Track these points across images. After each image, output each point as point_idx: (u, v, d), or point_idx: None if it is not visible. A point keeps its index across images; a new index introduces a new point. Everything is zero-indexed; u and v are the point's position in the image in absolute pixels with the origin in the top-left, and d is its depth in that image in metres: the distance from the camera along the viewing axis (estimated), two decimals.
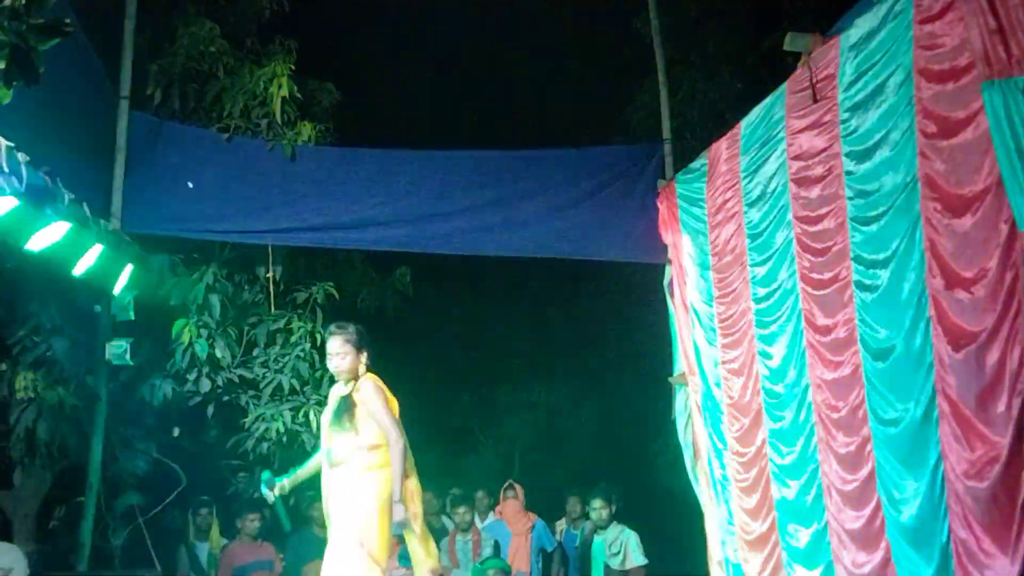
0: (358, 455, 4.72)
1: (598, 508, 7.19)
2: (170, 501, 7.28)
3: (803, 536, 5.27)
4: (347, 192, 7.20)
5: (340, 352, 4.86)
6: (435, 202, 7.20)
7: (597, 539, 7.21)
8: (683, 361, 6.95)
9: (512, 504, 7.89)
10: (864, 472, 4.63)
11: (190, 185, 6.96)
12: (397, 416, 4.86)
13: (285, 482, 5.03)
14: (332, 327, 5.04)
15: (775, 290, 5.53)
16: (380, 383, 4.86)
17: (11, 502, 7.72)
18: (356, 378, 4.86)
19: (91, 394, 6.87)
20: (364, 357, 4.88)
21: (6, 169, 4.85)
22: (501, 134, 7.71)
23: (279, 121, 7.15)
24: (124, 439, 7.13)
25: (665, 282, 7.19)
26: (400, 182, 7.24)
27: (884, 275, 4.44)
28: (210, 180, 7.03)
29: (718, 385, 6.32)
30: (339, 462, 4.75)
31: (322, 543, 7.26)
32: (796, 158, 5.21)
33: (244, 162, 7.12)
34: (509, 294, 10.41)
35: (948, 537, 4.02)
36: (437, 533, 7.77)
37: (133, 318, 6.74)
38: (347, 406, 4.78)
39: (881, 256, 4.45)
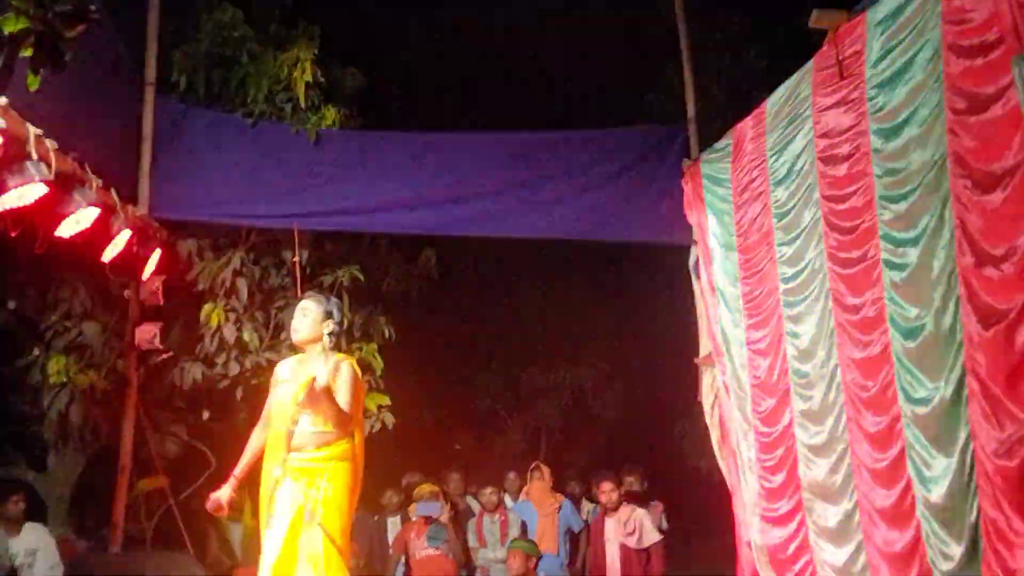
0: (325, 444, 4.38)
1: (607, 491, 7.24)
2: (201, 483, 7.38)
3: (832, 515, 5.26)
4: (372, 176, 7.22)
5: (303, 309, 4.60)
6: (460, 185, 7.21)
7: (609, 521, 7.25)
8: (709, 342, 6.94)
9: (539, 485, 7.93)
10: (894, 451, 4.60)
11: (216, 172, 7.00)
12: (362, 406, 4.71)
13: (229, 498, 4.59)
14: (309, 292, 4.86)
15: (802, 269, 5.50)
16: (358, 371, 4.61)
17: (45, 485, 7.87)
18: (319, 350, 4.55)
19: (122, 378, 6.95)
20: (327, 327, 4.56)
21: (35, 156, 4.91)
22: (526, 116, 7.68)
23: (303, 106, 7.17)
24: (155, 422, 7.22)
25: (690, 263, 7.17)
26: (425, 165, 7.25)
27: (913, 253, 4.40)
28: (236, 165, 7.07)
29: (744, 366, 6.30)
30: (301, 447, 4.37)
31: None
32: (823, 136, 5.16)
33: (269, 147, 7.15)
34: (535, 276, 10.40)
35: (978, 516, 4.00)
36: (464, 514, 7.85)
37: (162, 303, 6.81)
38: (322, 389, 4.31)
39: (910, 234, 4.41)
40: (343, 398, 4.36)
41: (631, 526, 7.09)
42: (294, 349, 7.55)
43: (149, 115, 6.93)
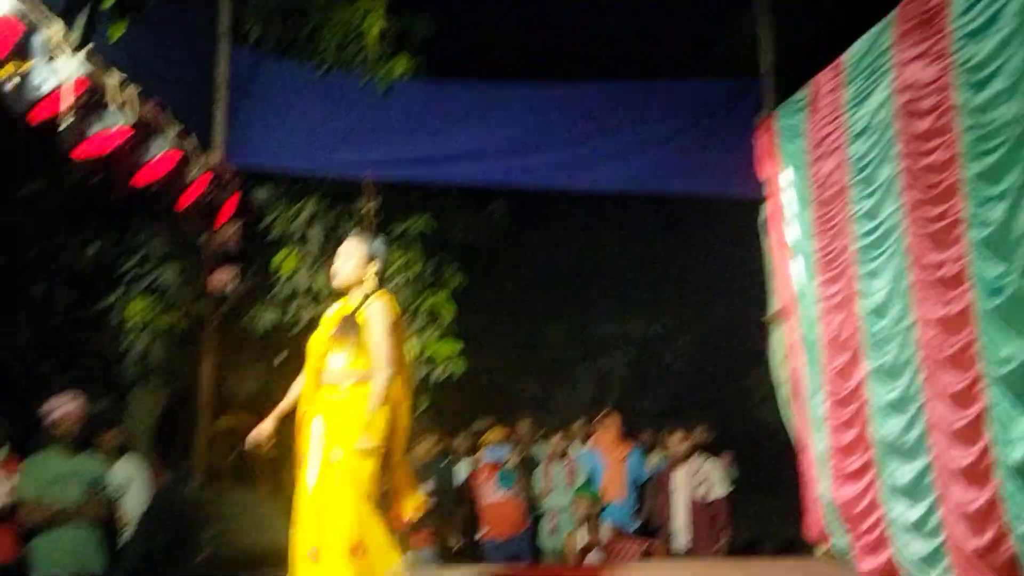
0: (356, 381, 4.23)
1: (676, 442, 7.23)
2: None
3: (905, 473, 5.18)
4: (441, 126, 7.22)
5: (345, 253, 4.44)
6: (529, 135, 7.16)
7: (677, 472, 7.24)
8: (781, 298, 6.85)
9: (607, 434, 7.96)
10: (974, 410, 4.50)
11: (289, 121, 7.06)
12: (401, 346, 4.43)
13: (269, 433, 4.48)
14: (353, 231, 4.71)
15: (879, 225, 5.37)
16: (393, 305, 4.40)
17: (127, 422, 8.17)
18: (362, 292, 4.38)
19: (199, 320, 7.13)
20: (371, 270, 4.38)
21: (116, 103, 5.03)
22: (597, 65, 7.56)
23: (374, 55, 7.17)
24: (231, 364, 7.42)
25: (761, 219, 7.05)
26: (494, 115, 7.22)
27: (999, 210, 4.25)
28: (309, 113, 7.12)
29: (816, 322, 6.21)
30: (332, 384, 4.26)
31: (419, 468, 7.57)
32: (905, 89, 4.99)
33: (340, 97, 7.18)
34: (605, 228, 10.34)
35: None
36: (530, 462, 7.94)
37: (237, 248, 6.94)
38: (350, 324, 4.26)
39: (996, 190, 4.26)
40: (376, 332, 4.20)
41: (699, 478, 7.09)
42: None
43: (224, 64, 7.00)
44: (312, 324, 7.34)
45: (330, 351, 4.28)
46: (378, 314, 4.23)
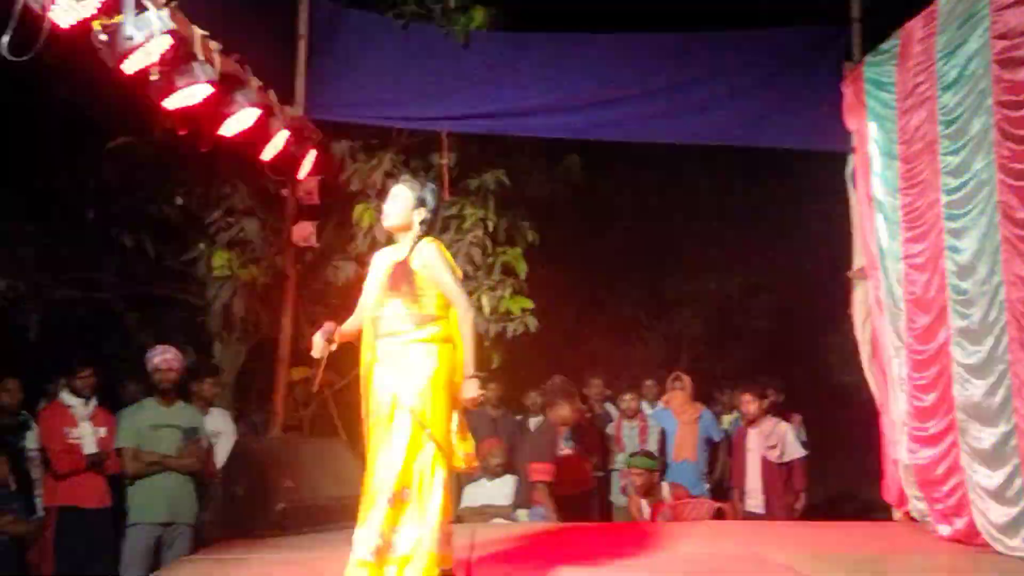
0: (415, 326, 4.12)
1: (747, 402, 7.15)
2: (353, 376, 7.72)
3: (987, 437, 5.06)
4: (518, 78, 7.17)
5: (395, 196, 4.31)
6: (606, 88, 7.06)
7: (751, 432, 7.18)
8: (863, 255, 6.69)
9: (679, 395, 7.93)
10: None
11: (368, 74, 7.08)
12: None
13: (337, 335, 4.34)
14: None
15: (968, 180, 5.19)
16: (443, 248, 4.31)
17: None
18: (411, 238, 4.26)
19: (280, 273, 7.27)
20: (420, 215, 4.24)
21: (201, 57, 5.12)
22: (678, 16, 7.40)
23: (452, 6, 7.15)
24: (310, 317, 7.56)
25: (848, 172, 6.87)
26: (571, 67, 7.13)
27: None
28: (387, 67, 7.14)
29: (900, 281, 6.06)
30: (390, 332, 4.14)
31: (491, 424, 7.66)
32: (1001, 37, 4.79)
33: (419, 49, 7.17)
34: (681, 183, 10.20)
35: None
36: (602, 419, 7.96)
37: (317, 202, 7.04)
38: (404, 271, 4.14)
39: None
40: (441, 273, 4.13)
41: (773, 439, 7.02)
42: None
43: (304, 16, 7.04)
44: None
45: (385, 300, 4.17)
46: (436, 256, 4.16)
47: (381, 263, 4.35)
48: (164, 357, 6.06)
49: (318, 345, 4.23)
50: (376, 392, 4.10)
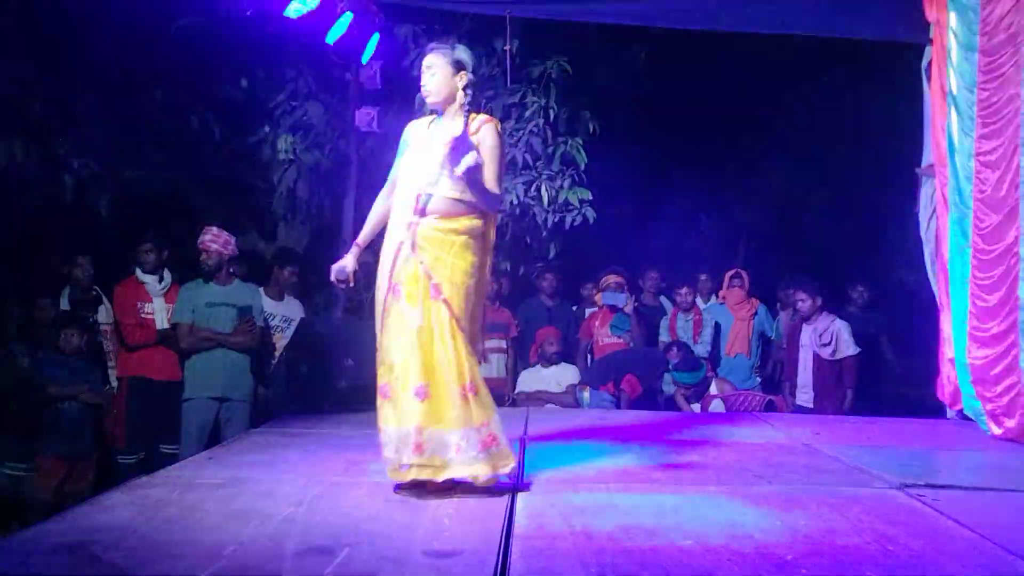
0: (462, 214, 3.80)
1: (802, 299, 7.12)
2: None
3: None
4: None
5: (429, 67, 3.89)
6: None
7: (805, 329, 7.18)
8: (933, 151, 6.53)
9: (737, 292, 7.93)
10: None
11: None
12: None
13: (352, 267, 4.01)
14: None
15: None
16: (502, 134, 3.93)
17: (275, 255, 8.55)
18: (459, 109, 3.88)
19: (344, 158, 7.33)
20: (461, 80, 3.87)
21: None
22: None
23: None
24: (372, 201, 7.64)
25: (924, 64, 6.64)
26: None
27: None
28: None
29: (969, 179, 5.92)
30: (436, 212, 3.78)
31: (547, 313, 7.76)
32: None
33: None
34: (745, 77, 9.95)
35: None
36: (655, 312, 8.00)
37: (380, 87, 7.03)
38: (465, 146, 3.67)
39: None
40: (489, 172, 3.78)
41: (827, 337, 7.01)
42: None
43: None
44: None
45: (437, 176, 3.78)
46: (493, 137, 3.82)
47: (423, 135, 3.94)
48: (203, 239, 6.14)
49: (337, 270, 3.96)
50: (406, 272, 3.75)
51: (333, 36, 6.35)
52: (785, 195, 11.08)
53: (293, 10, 5.81)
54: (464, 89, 3.86)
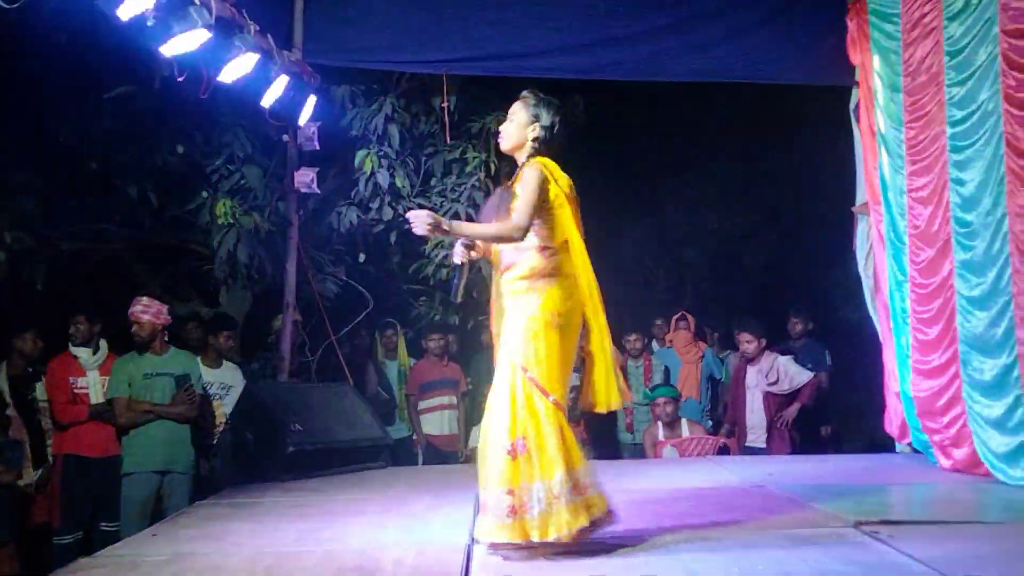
0: (523, 259, 3.77)
1: (745, 341, 7.17)
2: (359, 322, 7.78)
3: (989, 369, 5.12)
4: (519, 20, 7.05)
5: (511, 115, 3.95)
6: (609, 27, 6.95)
7: (750, 369, 7.22)
8: (867, 189, 6.68)
9: (684, 335, 7.99)
10: None
11: (366, 17, 7.00)
12: (560, 201, 3.81)
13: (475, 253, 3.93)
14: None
15: (974, 112, 5.17)
16: (546, 166, 3.82)
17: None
18: (523, 158, 3.90)
19: (283, 220, 7.28)
20: (533, 132, 3.88)
21: (197, 2, 5.07)
22: None
23: None
24: (315, 263, 7.59)
25: (851, 106, 6.83)
26: (573, 7, 7.01)
27: None
28: (386, 10, 7.01)
29: (903, 215, 6.06)
30: (504, 266, 3.82)
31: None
32: None
33: None
34: (682, 123, 10.13)
35: None
36: None
37: (318, 148, 7.02)
38: (508, 196, 3.74)
39: None
40: (521, 193, 3.71)
41: (772, 375, 7.06)
42: (443, 194, 7.77)
43: None
44: (395, 222, 7.54)
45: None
46: (529, 175, 3.74)
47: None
48: (133, 309, 5.98)
49: (458, 251, 3.81)
50: (497, 335, 3.80)
51: (269, 99, 6.34)
52: (727, 237, 11.25)
53: (227, 74, 5.78)
54: (532, 141, 3.89)
